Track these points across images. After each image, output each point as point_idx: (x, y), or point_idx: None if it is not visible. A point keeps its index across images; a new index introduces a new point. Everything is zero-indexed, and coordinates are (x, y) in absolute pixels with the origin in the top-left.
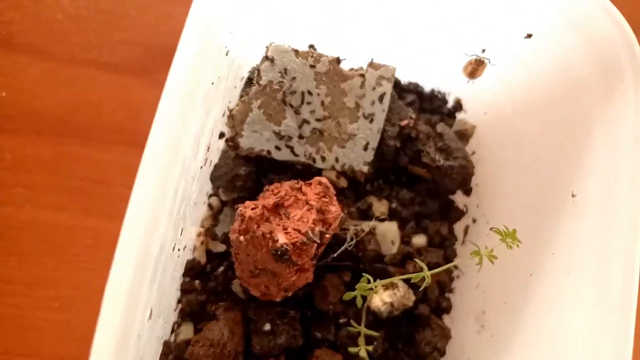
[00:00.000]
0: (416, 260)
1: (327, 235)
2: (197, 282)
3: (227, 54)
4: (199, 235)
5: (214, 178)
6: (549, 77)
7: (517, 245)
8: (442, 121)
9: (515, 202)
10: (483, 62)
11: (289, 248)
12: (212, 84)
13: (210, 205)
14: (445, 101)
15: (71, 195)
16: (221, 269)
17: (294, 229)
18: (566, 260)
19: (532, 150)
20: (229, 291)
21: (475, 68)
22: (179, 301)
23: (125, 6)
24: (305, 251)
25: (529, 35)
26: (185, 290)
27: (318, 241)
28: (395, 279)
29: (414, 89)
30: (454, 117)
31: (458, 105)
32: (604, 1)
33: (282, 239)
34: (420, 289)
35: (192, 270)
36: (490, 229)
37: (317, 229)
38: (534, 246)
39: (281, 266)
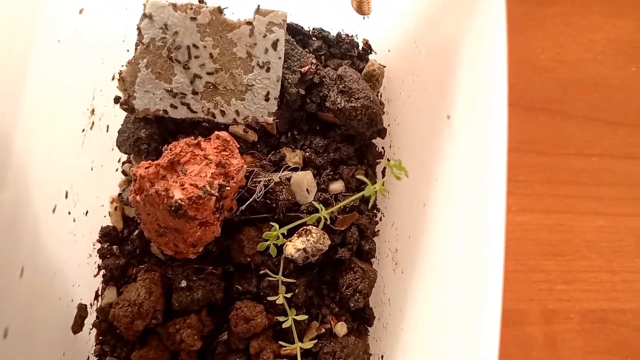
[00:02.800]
0: (313, 202)
1: (228, 188)
2: (114, 247)
3: (80, 12)
4: (112, 201)
5: (119, 144)
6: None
7: (406, 175)
8: (353, 65)
9: (412, 134)
10: None
11: (183, 203)
12: (59, 41)
13: (124, 172)
14: (353, 44)
15: None
16: (137, 232)
17: (191, 184)
18: (445, 187)
19: (422, 80)
20: (149, 253)
21: (359, 1)
22: (100, 268)
23: None
24: (203, 205)
25: None
26: (103, 255)
27: (216, 194)
28: (297, 223)
29: (319, 34)
30: (366, 60)
31: (367, 47)
32: None
33: (177, 194)
34: (332, 232)
35: (107, 235)
36: (381, 162)
37: (216, 182)
38: (424, 176)
39: (182, 222)
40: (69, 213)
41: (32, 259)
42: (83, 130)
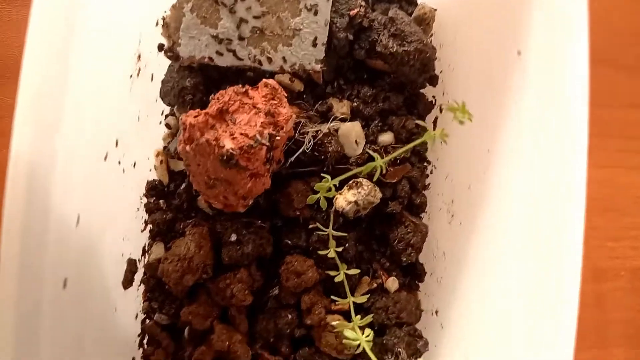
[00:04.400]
0: (368, 151)
1: (278, 138)
2: (161, 201)
3: None
4: (157, 155)
5: (163, 95)
6: None
7: (470, 120)
8: (401, 9)
9: (472, 77)
10: None
11: (235, 152)
12: None
13: (168, 125)
14: None
15: None
16: (183, 186)
17: (241, 134)
18: (515, 130)
19: (482, 19)
20: (196, 208)
21: None
22: (147, 223)
23: None
24: (254, 155)
25: None
26: (150, 210)
27: (267, 143)
28: (350, 174)
29: None
30: (415, 4)
31: None
32: None
33: (228, 144)
34: (383, 185)
35: (153, 189)
36: (440, 106)
37: (266, 132)
38: (489, 120)
39: (233, 172)
40: (119, 163)
41: (86, 208)
42: (130, 76)
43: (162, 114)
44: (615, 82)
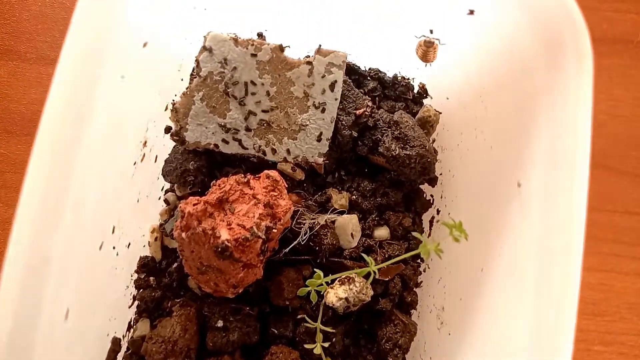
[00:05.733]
0: (363, 255)
1: (275, 230)
2: (151, 278)
3: (144, 46)
4: (152, 231)
5: (165, 173)
6: (497, 56)
7: (466, 238)
8: (407, 108)
9: (472, 192)
10: (433, 43)
11: (230, 245)
12: (123, 77)
13: (166, 201)
14: (409, 87)
15: None
16: (175, 265)
17: (238, 225)
18: (512, 257)
19: (486, 137)
20: (186, 287)
21: (426, 50)
22: (135, 298)
23: None
24: (250, 247)
25: (471, 12)
26: (139, 286)
27: (263, 237)
28: (344, 274)
29: (375, 75)
30: (421, 104)
31: (423, 91)
32: None
33: (224, 235)
34: (375, 282)
35: (145, 266)
36: (437, 221)
37: (263, 224)
38: (485, 240)
39: (226, 263)
40: (114, 248)
41: (77, 299)
42: (134, 163)
43: (162, 189)
44: (613, 187)
